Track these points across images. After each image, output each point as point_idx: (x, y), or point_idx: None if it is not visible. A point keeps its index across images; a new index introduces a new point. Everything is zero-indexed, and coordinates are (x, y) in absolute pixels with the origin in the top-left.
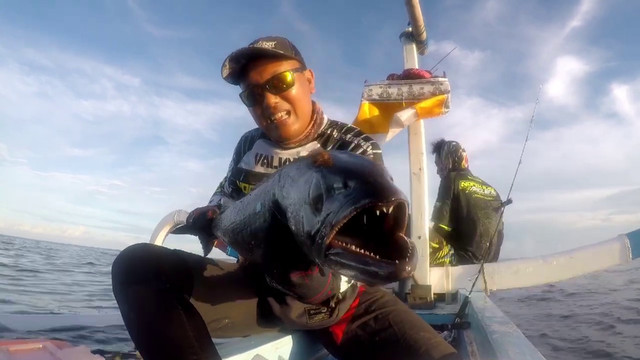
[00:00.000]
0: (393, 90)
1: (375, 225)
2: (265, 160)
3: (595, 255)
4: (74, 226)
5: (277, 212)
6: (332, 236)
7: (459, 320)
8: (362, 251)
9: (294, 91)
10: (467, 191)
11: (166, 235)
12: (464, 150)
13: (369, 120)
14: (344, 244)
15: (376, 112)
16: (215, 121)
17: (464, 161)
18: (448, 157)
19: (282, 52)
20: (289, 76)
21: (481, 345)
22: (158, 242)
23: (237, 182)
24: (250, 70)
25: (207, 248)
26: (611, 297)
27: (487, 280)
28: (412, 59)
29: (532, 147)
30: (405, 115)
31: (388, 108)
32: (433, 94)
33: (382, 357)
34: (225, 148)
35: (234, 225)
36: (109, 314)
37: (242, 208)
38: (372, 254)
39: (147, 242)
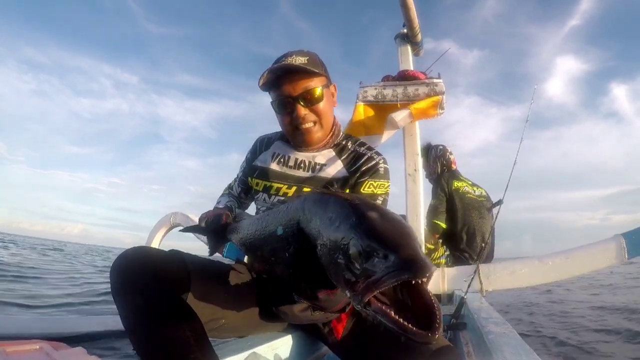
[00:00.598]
0: (388, 92)
1: None
2: (281, 159)
3: (591, 256)
4: (73, 224)
5: (302, 241)
6: (371, 296)
7: (454, 321)
8: (401, 320)
9: (321, 105)
10: (460, 191)
11: (163, 236)
12: (451, 153)
13: (364, 121)
14: (383, 307)
15: (371, 113)
16: (214, 119)
17: (452, 164)
18: (436, 161)
19: (315, 70)
20: (318, 91)
21: (477, 346)
22: (155, 244)
23: (250, 179)
24: (284, 82)
25: (214, 249)
26: (609, 297)
27: (482, 281)
28: (407, 61)
29: (531, 146)
30: (399, 116)
31: (383, 109)
32: (428, 95)
33: (381, 350)
34: (224, 146)
35: (253, 240)
36: (106, 316)
37: (261, 227)
38: (409, 324)
39: (144, 242)
